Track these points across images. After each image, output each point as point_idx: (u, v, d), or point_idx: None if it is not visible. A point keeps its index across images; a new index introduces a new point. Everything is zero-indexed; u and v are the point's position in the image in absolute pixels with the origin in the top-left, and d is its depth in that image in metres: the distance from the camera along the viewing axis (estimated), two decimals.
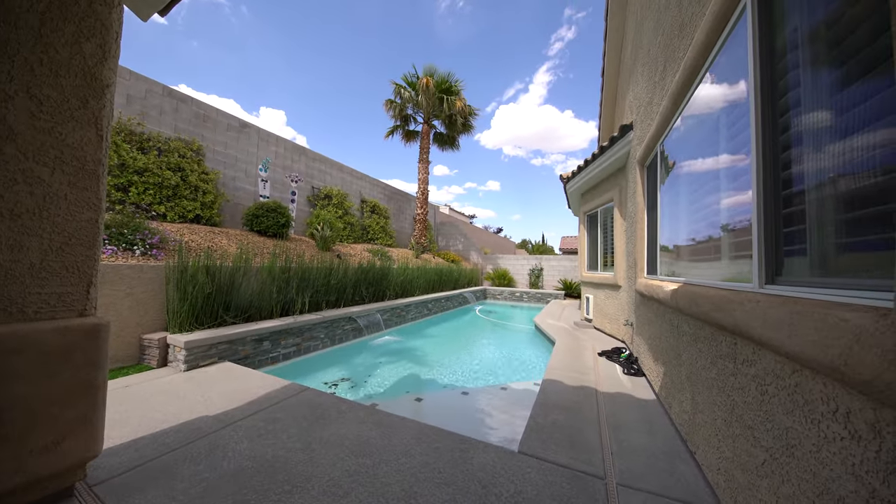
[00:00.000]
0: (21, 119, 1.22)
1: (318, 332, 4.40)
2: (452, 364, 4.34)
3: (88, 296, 1.39)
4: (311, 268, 4.81)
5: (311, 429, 1.94)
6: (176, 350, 3.01)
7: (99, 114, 1.41)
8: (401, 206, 13.32)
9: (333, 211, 8.90)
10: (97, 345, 1.36)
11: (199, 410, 2.16)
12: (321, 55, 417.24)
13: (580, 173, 5.33)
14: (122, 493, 1.39)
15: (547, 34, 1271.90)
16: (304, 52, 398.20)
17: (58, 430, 1.28)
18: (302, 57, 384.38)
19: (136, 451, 1.69)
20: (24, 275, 1.23)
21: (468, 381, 3.67)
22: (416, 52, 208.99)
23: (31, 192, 1.24)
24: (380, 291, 6.22)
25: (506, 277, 12.70)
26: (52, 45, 1.29)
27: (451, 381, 3.63)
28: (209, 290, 3.38)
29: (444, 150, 13.57)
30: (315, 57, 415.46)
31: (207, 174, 5.94)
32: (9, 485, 1.18)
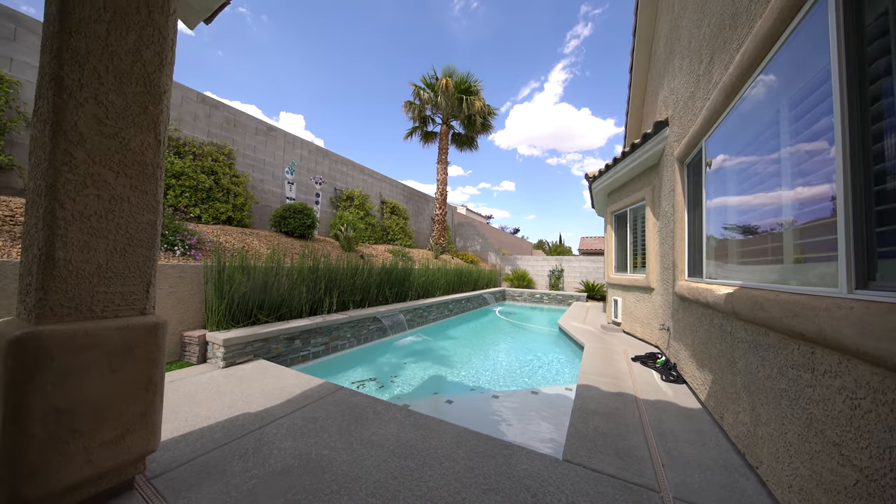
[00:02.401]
0: (90, 125, 1.27)
1: (344, 331, 4.46)
2: (477, 366, 4.29)
3: (148, 295, 1.44)
4: (337, 268, 4.88)
5: (350, 428, 1.94)
6: (215, 347, 3.11)
7: (157, 119, 1.46)
8: (419, 206, 13.38)
9: (355, 212, 9.04)
10: (156, 342, 1.41)
11: (241, 407, 2.22)
12: (337, 60, 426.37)
13: (608, 172, 5.17)
14: (178, 488, 1.43)
15: (562, 31, 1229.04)
16: (320, 57, 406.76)
17: (122, 424, 1.33)
18: (318, 62, 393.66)
19: (187, 445, 1.74)
20: (93, 274, 1.28)
21: (495, 383, 3.61)
22: (432, 55, 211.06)
23: (99, 196, 1.29)
24: (402, 292, 6.25)
25: (525, 279, 12.51)
26: (116, 53, 1.34)
27: (477, 384, 3.58)
28: (245, 290, 3.48)
29: (462, 150, 13.54)
30: (331, 61, 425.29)
31: (238, 177, 6.15)
32: (79, 476, 1.23)
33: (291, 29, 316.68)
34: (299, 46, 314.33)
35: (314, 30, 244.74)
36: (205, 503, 1.34)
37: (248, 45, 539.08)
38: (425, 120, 12.66)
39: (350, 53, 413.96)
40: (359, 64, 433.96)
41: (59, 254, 1.20)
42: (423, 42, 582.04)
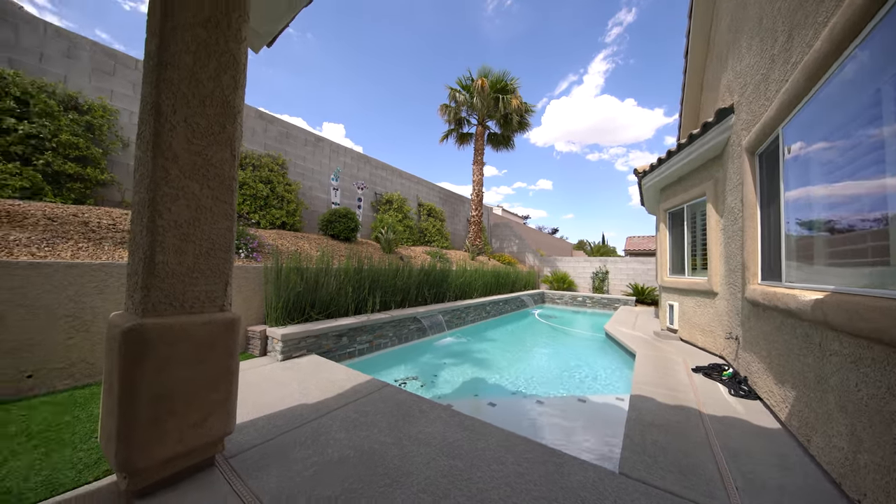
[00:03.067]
0: (181, 144, 1.46)
1: (387, 330, 4.62)
2: (517, 369, 4.21)
3: (226, 293, 1.61)
4: (379, 269, 5.07)
5: (398, 425, 2.01)
6: (274, 341, 3.39)
7: (233, 136, 1.63)
8: (455, 208, 13.45)
9: (394, 215, 9.33)
10: (233, 336, 1.57)
11: (298, 398, 2.39)
12: (374, 68, 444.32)
13: (661, 166, 4.79)
14: (250, 468, 1.57)
15: (603, 20, 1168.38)
16: (358, 66, 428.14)
17: (205, 408, 1.50)
18: (356, 71, 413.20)
19: (256, 430, 1.91)
20: (184, 275, 1.47)
21: (538, 388, 3.51)
22: (467, 57, 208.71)
23: (188, 206, 1.47)
24: (440, 293, 6.33)
25: (565, 281, 12.01)
26: (200, 80, 1.52)
27: (519, 388, 3.51)
28: (299, 289, 3.75)
29: (498, 150, 13.39)
30: (368, 70, 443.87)
31: (290, 185, 6.66)
32: (173, 452, 1.41)
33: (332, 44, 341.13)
34: (339, 59, 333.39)
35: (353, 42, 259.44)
36: (273, 484, 1.46)
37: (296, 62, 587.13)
38: (461, 122, 12.71)
39: (386, 61, 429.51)
40: (395, 70, 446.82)
41: (159, 257, 1.38)
42: (458, 45, 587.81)
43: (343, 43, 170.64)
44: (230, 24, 1.61)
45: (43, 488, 1.47)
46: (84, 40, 4.73)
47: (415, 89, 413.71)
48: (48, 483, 1.50)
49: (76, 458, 1.69)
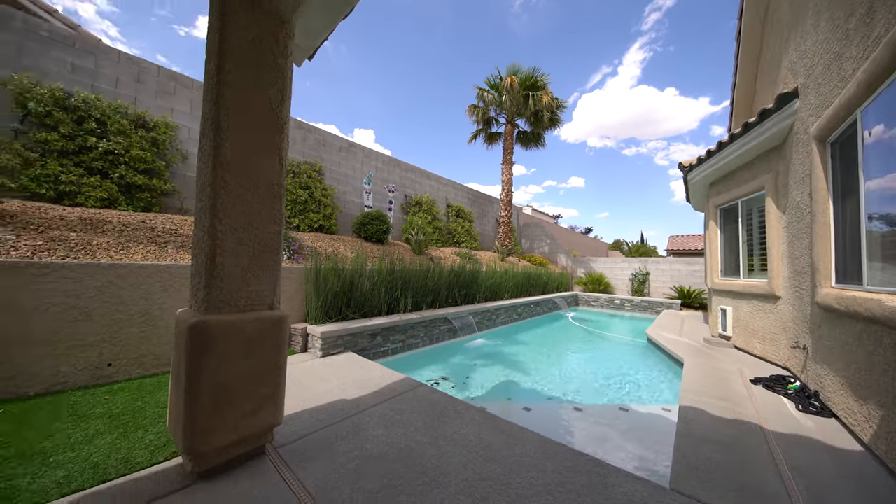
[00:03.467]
0: (235, 155, 1.58)
1: (418, 330, 4.68)
2: (551, 374, 4.08)
3: (275, 292, 1.72)
4: (410, 270, 5.16)
5: (434, 424, 2.02)
6: (314, 338, 3.56)
7: (280, 145, 1.74)
8: (483, 209, 13.36)
9: (424, 217, 9.45)
10: (282, 333, 1.67)
11: (338, 393, 2.49)
12: (401, 73, 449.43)
13: (710, 159, 4.43)
14: (298, 458, 1.66)
15: (639, 7, 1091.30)
16: (386, 72, 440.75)
17: (257, 400, 1.60)
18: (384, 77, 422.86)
19: (301, 422, 2.02)
20: (239, 276, 1.59)
21: (574, 394, 3.38)
22: (496, 56, 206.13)
23: (243, 211, 1.59)
24: (470, 294, 6.31)
25: (601, 282, 11.48)
26: (251, 94, 1.64)
27: (553, 393, 3.40)
28: (336, 289, 3.92)
29: (527, 148, 13.12)
30: (396, 75, 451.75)
31: (326, 190, 6.98)
32: (228, 439, 1.52)
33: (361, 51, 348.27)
34: (368, 66, 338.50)
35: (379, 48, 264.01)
36: (319, 475, 1.53)
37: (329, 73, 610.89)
38: (489, 121, 12.62)
39: (413, 65, 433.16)
40: (421, 74, 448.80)
41: (218, 259, 1.51)
42: (486, 46, 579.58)
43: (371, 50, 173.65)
44: (277, 41, 1.73)
45: (122, 465, 1.66)
46: (151, 65, 5.29)
47: (441, 92, 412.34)
48: (126, 461, 1.69)
49: (147, 440, 1.88)
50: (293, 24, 1.80)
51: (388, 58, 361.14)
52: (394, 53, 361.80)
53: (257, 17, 1.63)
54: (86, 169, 4.25)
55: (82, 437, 1.89)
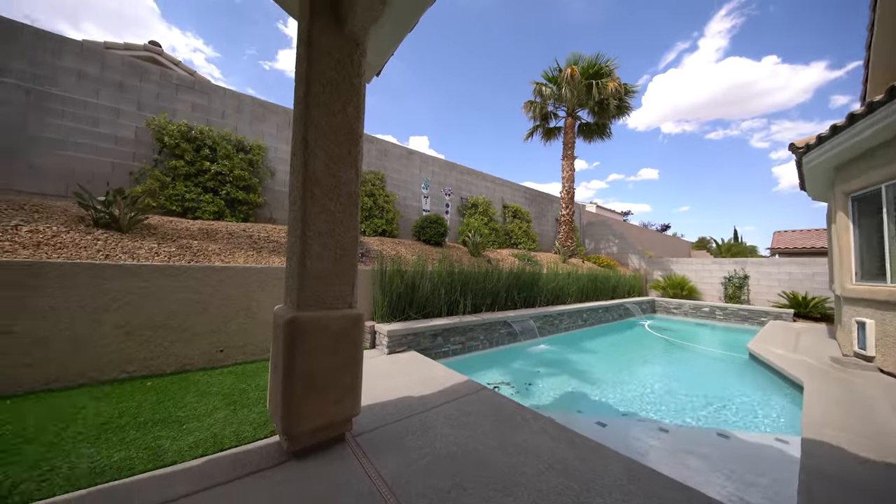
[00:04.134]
0: (321, 169, 1.76)
1: (478, 333, 4.67)
2: (627, 387, 3.71)
3: (353, 292, 1.87)
4: (469, 273, 5.19)
5: (501, 430, 1.99)
6: (380, 336, 3.79)
7: (356, 158, 1.89)
8: (542, 208, 12.83)
9: (480, 218, 9.44)
10: (359, 330, 1.81)
11: (404, 390, 2.60)
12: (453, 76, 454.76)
13: (837, 136, 3.61)
14: (373, 448, 1.78)
15: None
16: (438, 76, 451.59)
17: (339, 390, 1.75)
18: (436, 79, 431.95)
19: (373, 415, 2.15)
20: (324, 277, 1.76)
21: (656, 412, 3.02)
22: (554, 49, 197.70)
23: (327, 219, 1.76)
24: (531, 297, 6.09)
25: (684, 287, 10.13)
26: (333, 113, 1.81)
27: (631, 409, 3.09)
28: (400, 290, 4.12)
29: (590, 141, 12.26)
30: (447, 78, 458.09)
31: (388, 196, 7.40)
32: (315, 425, 1.69)
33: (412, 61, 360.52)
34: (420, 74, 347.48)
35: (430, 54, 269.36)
36: (393, 467, 1.62)
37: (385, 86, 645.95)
38: (547, 116, 12.11)
39: (465, 68, 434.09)
40: (474, 75, 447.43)
41: (308, 262, 1.69)
42: (540, 41, 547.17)
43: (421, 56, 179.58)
44: (353, 62, 1.88)
45: (234, 437, 1.95)
46: (246, 97, 6.21)
47: (494, 93, 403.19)
48: (237, 434, 1.98)
49: (251, 418, 2.18)
50: (366, 45, 1.95)
51: (438, 63, 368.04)
52: (444, 58, 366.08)
53: (338, 43, 1.80)
54: (202, 188, 5.16)
55: (204, 411, 2.27)
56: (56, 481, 1.52)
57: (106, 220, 3.57)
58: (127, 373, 2.79)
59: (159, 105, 5.29)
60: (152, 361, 2.90)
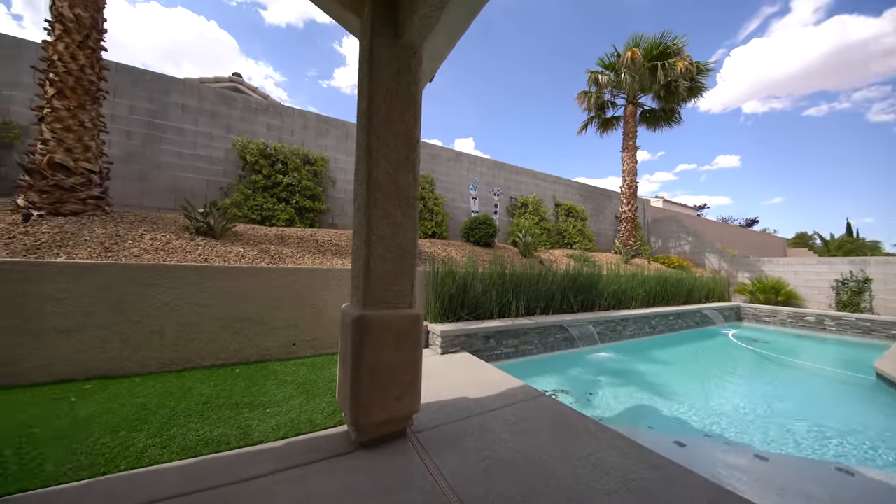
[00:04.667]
0: (383, 175, 1.85)
1: (532, 336, 4.51)
2: (709, 404, 3.27)
3: (412, 293, 1.93)
4: (521, 274, 5.04)
5: (563, 440, 1.89)
6: (434, 336, 3.87)
7: (414, 162, 1.95)
8: (599, 205, 11.99)
9: (530, 218, 9.14)
10: (418, 329, 1.86)
11: (459, 391, 2.61)
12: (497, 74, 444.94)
13: None
14: (432, 446, 1.81)
15: None
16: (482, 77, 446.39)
17: (400, 387, 1.82)
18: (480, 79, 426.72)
19: (431, 413, 2.19)
20: (386, 278, 1.84)
21: (746, 436, 2.61)
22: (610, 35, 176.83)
23: (388, 223, 1.84)
24: (589, 301, 5.71)
25: (780, 291, 8.64)
26: (392, 121, 1.90)
27: (713, 429, 2.71)
28: (452, 291, 4.17)
29: (655, 129, 11.16)
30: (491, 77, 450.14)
31: (438, 199, 7.55)
32: (379, 418, 1.77)
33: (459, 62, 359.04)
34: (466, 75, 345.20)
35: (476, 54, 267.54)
36: (453, 466, 1.62)
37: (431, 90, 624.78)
38: (603, 106, 11.31)
39: (512, 65, 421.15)
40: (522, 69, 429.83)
41: (372, 264, 1.79)
42: (595, 27, 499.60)
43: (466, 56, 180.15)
44: (410, 71, 1.95)
45: (308, 423, 2.13)
46: (311, 114, 6.83)
47: (541, 88, 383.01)
48: (310, 420, 2.17)
49: (322, 407, 2.37)
50: (421, 53, 2.01)
51: (481, 63, 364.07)
52: (487, 57, 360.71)
53: (396, 54, 1.88)
54: (276, 198, 5.79)
55: (282, 397, 2.53)
56: (174, 448, 1.81)
57: (204, 229, 4.19)
58: (221, 360, 3.24)
59: (242, 127, 6.08)
60: (240, 351, 3.32)
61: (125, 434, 1.93)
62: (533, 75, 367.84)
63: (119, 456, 1.72)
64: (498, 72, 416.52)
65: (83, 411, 2.20)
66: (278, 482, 1.50)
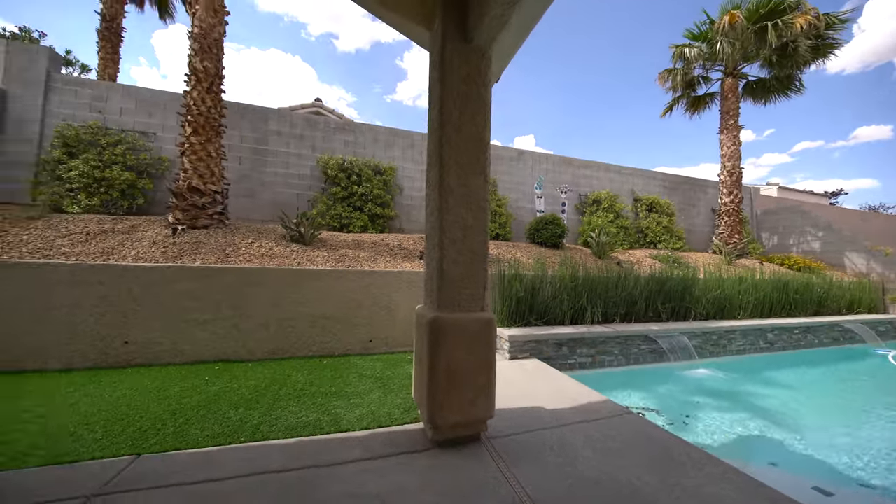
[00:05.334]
0: (454, 180, 1.87)
1: (611, 346, 4.10)
2: (860, 443, 2.55)
3: (484, 296, 1.91)
4: (596, 277, 4.63)
5: (660, 467, 1.65)
6: (501, 341, 3.78)
7: (485, 165, 1.94)
8: (689, 197, 10.41)
9: (603, 216, 8.39)
10: (492, 332, 1.83)
11: (532, 400, 2.49)
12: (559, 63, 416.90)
13: None
14: (509, 455, 1.75)
15: None
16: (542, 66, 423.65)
17: (474, 390, 1.80)
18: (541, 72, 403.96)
19: (503, 421, 2.13)
20: (458, 281, 1.86)
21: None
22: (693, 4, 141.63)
23: (460, 226, 1.86)
24: (681, 308, 4.97)
25: None
26: (462, 125, 1.91)
27: (873, 477, 2.08)
28: (520, 295, 4.03)
29: (765, 102, 9.30)
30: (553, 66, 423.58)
31: (501, 200, 7.43)
32: (454, 419, 1.78)
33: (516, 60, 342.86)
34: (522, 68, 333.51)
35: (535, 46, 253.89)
36: (532, 479, 1.54)
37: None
38: (692, 83, 9.83)
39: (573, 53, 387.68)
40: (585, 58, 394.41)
41: (445, 267, 1.82)
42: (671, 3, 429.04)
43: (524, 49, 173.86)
44: (480, 74, 1.94)
45: (387, 417, 2.26)
46: (381, 127, 7.35)
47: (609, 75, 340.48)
48: (389, 414, 2.29)
49: (398, 402, 2.49)
50: (490, 54, 1.99)
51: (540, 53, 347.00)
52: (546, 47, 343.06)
53: (466, 58, 1.89)
54: (352, 207, 6.35)
55: (364, 390, 2.73)
56: (279, 427, 2.09)
57: (297, 237, 4.81)
58: (311, 352, 3.65)
59: (324, 146, 6.84)
60: (326, 345, 3.70)
61: (243, 411, 2.30)
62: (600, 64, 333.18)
63: (239, 430, 2.04)
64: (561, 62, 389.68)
65: (214, 388, 2.69)
66: (364, 470, 1.61)
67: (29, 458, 1.70)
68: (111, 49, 8.24)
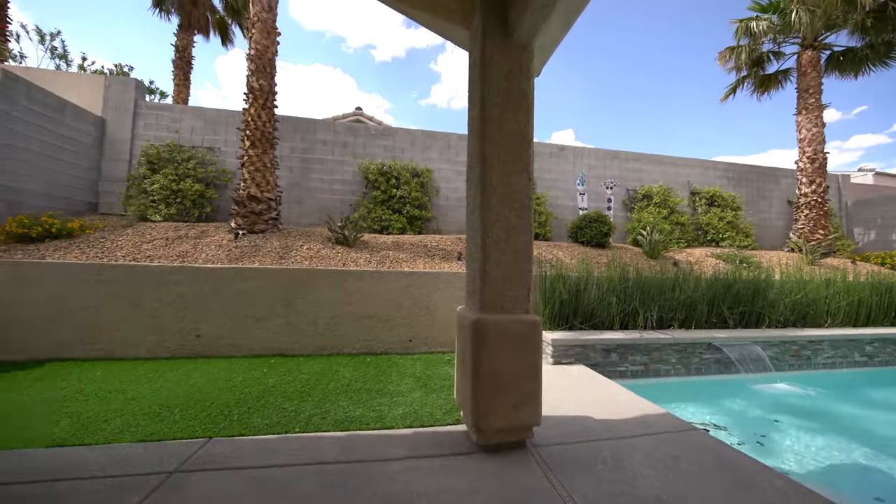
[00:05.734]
0: (496, 178, 1.83)
1: (668, 354, 3.76)
2: None
3: (529, 298, 1.84)
4: (649, 279, 4.28)
5: (736, 493, 1.46)
6: (544, 345, 3.63)
7: (528, 162, 1.87)
8: (758, 188, 9.25)
9: (655, 212, 7.74)
10: (537, 336, 1.76)
11: (581, 408, 2.35)
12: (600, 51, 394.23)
13: None
14: (558, 465, 1.66)
15: None
16: (580, 58, 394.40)
17: (519, 395, 1.74)
18: (580, 63, 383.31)
19: (549, 429, 2.03)
20: (501, 282, 1.81)
21: None
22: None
23: (503, 226, 1.81)
24: (752, 314, 4.41)
25: None
26: (504, 122, 1.86)
27: None
28: (564, 297, 3.86)
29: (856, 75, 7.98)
30: (593, 56, 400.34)
31: (540, 198, 7.18)
32: (498, 425, 1.73)
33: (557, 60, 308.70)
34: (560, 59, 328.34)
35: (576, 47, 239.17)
36: (585, 492, 1.44)
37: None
38: (760, 61, 8.73)
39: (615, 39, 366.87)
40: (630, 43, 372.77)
41: (487, 267, 1.79)
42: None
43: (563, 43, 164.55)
44: (521, 69, 1.88)
45: (429, 417, 2.27)
46: (417, 131, 7.48)
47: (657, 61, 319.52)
48: (431, 415, 2.30)
49: (440, 403, 2.49)
50: (532, 47, 1.92)
51: (578, 45, 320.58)
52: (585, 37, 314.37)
53: (507, 53, 1.85)
54: (391, 210, 6.53)
55: (405, 389, 2.78)
56: (329, 420, 2.19)
57: (341, 239, 5.05)
58: (356, 349, 3.80)
59: (364, 152, 7.11)
60: (369, 343, 3.83)
61: (297, 403, 2.45)
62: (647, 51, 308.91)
63: (294, 420, 2.18)
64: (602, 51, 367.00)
65: (271, 380, 2.90)
66: (411, 469, 1.63)
67: (124, 434, 1.97)
68: (183, 76, 9.36)
